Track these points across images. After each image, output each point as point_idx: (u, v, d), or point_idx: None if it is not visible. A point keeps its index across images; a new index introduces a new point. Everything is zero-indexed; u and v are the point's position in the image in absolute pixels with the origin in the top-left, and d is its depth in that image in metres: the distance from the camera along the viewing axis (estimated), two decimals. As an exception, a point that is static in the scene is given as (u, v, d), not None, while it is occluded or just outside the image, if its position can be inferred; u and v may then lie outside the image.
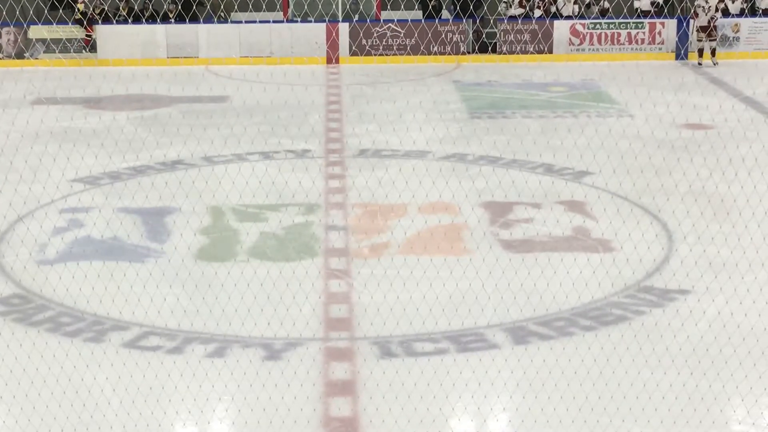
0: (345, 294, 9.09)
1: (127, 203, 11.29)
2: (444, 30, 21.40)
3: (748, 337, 7.83)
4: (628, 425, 6.74)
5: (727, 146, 12.36)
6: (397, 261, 9.72)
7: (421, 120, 14.89)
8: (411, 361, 7.71)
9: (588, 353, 7.66)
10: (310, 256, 9.98)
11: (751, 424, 6.77)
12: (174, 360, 7.71)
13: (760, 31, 21.97)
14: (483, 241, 10.25)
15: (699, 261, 9.38)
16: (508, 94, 18.25)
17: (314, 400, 7.12)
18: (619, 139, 12.68)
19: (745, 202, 10.39)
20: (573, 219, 10.93)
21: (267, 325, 8.13)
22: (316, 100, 17.28)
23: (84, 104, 16.81)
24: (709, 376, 7.35)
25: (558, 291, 8.80)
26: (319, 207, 11.42)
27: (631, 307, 8.69)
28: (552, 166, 12.88)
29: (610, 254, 9.81)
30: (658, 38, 21.94)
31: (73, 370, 7.42)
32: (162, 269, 9.28)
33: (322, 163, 13.38)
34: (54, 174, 11.17)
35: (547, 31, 21.58)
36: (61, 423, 6.70)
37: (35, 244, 10.01)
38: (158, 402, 6.99)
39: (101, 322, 8.30)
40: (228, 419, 6.98)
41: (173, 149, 13.32)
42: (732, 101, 17.08)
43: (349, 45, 21.48)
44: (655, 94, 15.86)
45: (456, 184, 11.57)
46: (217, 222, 10.93)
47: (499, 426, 6.90)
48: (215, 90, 18.46)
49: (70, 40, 20.65)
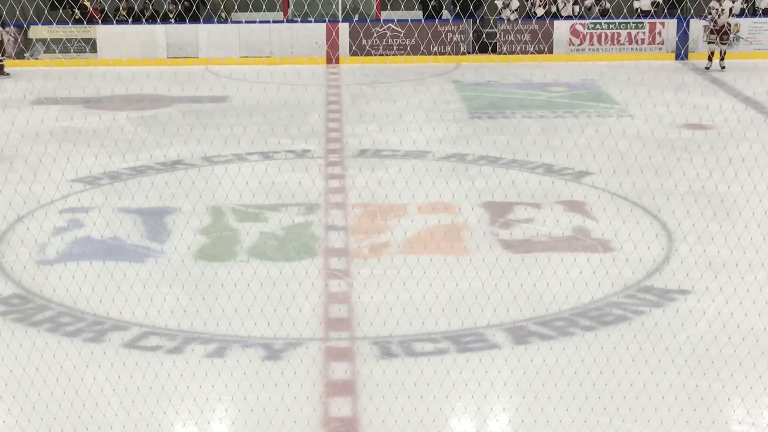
0: (345, 294, 9.09)
1: (127, 203, 11.28)
2: (444, 30, 21.40)
3: (748, 337, 7.83)
4: (628, 425, 6.74)
5: (727, 146, 12.36)
6: (397, 261, 9.72)
7: (421, 120, 14.89)
8: (411, 361, 7.71)
9: (588, 353, 7.66)
10: (310, 256, 9.98)
11: (751, 424, 6.77)
12: (174, 360, 7.71)
13: (760, 31, 21.97)
14: (483, 241, 10.25)
15: (699, 261, 9.38)
16: (508, 94, 18.25)
17: (314, 400, 7.12)
18: (619, 139, 12.68)
19: (745, 202, 10.39)
20: (573, 219, 10.93)
21: (267, 325, 8.13)
22: (316, 100, 17.27)
23: (84, 104, 16.81)
24: (709, 376, 7.35)
25: (558, 291, 8.80)
26: (319, 207, 11.42)
27: (631, 307, 8.69)
28: (552, 166, 12.88)
29: (610, 254, 9.81)
30: (658, 38, 21.95)
31: (73, 370, 7.42)
32: (162, 269, 9.28)
33: (322, 163, 13.38)
34: (54, 174, 11.17)
35: (547, 31, 21.58)
36: (61, 423, 6.70)
37: (35, 244, 10.01)
38: (158, 402, 6.99)
39: (101, 322, 8.30)
40: (228, 419, 6.98)
41: (173, 149, 13.32)
42: (732, 101, 17.08)
43: (349, 45, 21.48)
44: (655, 94, 15.86)
45: (456, 184, 11.57)
46: (217, 222, 10.93)
47: (499, 426, 6.90)
48: (215, 90, 18.46)
49: (70, 40, 20.64)
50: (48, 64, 19.89)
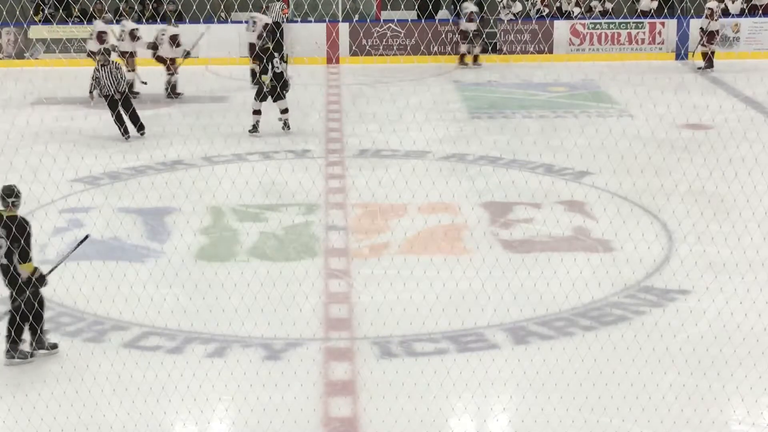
0: (345, 294, 9.09)
1: (127, 203, 11.28)
2: (444, 30, 21.40)
3: (748, 337, 7.83)
4: (628, 425, 6.75)
5: (727, 146, 12.35)
6: (397, 261, 9.72)
7: (421, 120, 14.88)
8: (411, 361, 7.72)
9: (588, 353, 7.66)
10: (310, 256, 9.98)
11: (751, 424, 6.77)
12: (174, 360, 7.71)
13: (760, 31, 21.95)
14: (483, 241, 10.25)
15: (699, 261, 9.38)
16: (508, 94, 18.24)
17: (314, 400, 7.12)
18: (619, 139, 12.67)
19: (745, 202, 10.39)
20: (573, 219, 10.93)
21: (267, 325, 8.13)
22: (316, 100, 17.27)
23: (84, 104, 16.79)
24: (709, 376, 7.35)
25: (558, 291, 8.80)
26: (319, 207, 11.42)
27: (631, 307, 8.69)
28: (552, 166, 12.87)
29: (610, 254, 9.82)
30: (658, 38, 21.94)
31: (73, 370, 7.42)
32: (162, 269, 9.28)
33: (322, 163, 13.38)
34: (54, 174, 11.15)
35: (547, 31, 21.57)
36: (61, 423, 6.70)
37: (35, 244, 9.99)
38: (158, 402, 6.99)
39: (101, 322, 8.30)
40: (228, 419, 6.98)
41: (173, 149, 13.31)
42: (732, 101, 17.08)
43: (349, 45, 21.47)
44: (655, 94, 15.84)
45: (456, 184, 11.57)
46: (217, 222, 10.93)
47: (499, 426, 6.91)
48: (215, 90, 18.45)
49: (70, 40, 20.63)
50: (48, 64, 19.87)
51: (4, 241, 7.40)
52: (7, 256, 7.44)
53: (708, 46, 20.22)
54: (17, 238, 7.34)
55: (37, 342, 7.69)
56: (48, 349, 7.77)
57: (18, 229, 7.35)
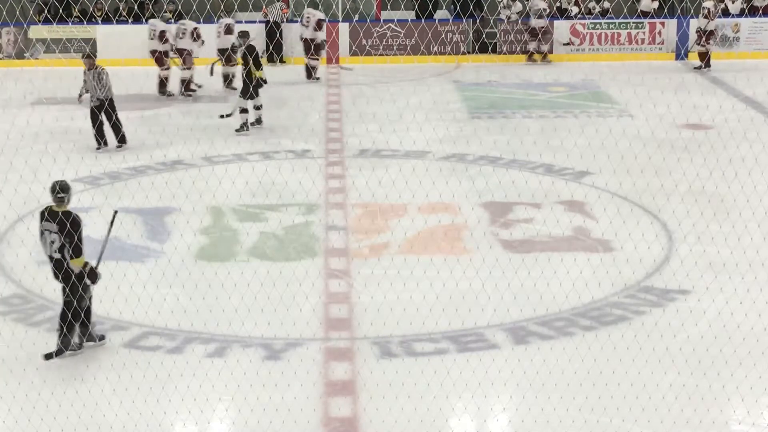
0: (345, 294, 9.09)
1: (127, 203, 11.27)
2: (444, 30, 21.39)
3: (748, 337, 7.83)
4: (628, 425, 6.75)
5: (727, 146, 12.35)
6: (397, 261, 9.72)
7: (421, 120, 14.88)
8: (411, 361, 7.72)
9: (588, 353, 7.66)
10: (310, 256, 9.98)
11: (751, 424, 6.77)
12: (174, 360, 7.71)
13: (760, 31, 21.95)
14: (483, 241, 10.25)
15: (699, 261, 9.38)
16: (508, 94, 18.24)
17: (314, 400, 7.12)
18: (619, 139, 12.67)
19: (745, 202, 10.39)
20: (573, 219, 10.93)
21: (267, 325, 8.13)
22: (316, 100, 17.27)
23: (84, 104, 16.79)
24: (709, 376, 7.35)
25: (558, 291, 8.80)
26: (319, 207, 11.42)
27: (631, 307, 8.69)
28: (552, 166, 12.87)
29: (610, 254, 9.82)
30: (658, 38, 21.94)
31: (73, 370, 7.42)
32: (162, 269, 9.28)
33: (322, 163, 13.38)
34: (54, 174, 11.11)
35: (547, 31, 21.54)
36: (61, 423, 6.70)
37: (35, 244, 9.99)
38: (158, 402, 6.99)
39: (101, 322, 8.29)
40: (228, 419, 6.98)
41: (173, 149, 13.32)
42: (732, 101, 17.08)
43: (349, 45, 21.47)
44: (655, 94, 15.84)
45: (456, 184, 11.57)
46: (217, 222, 10.93)
47: (499, 426, 6.91)
48: (215, 90, 18.43)
49: (70, 40, 20.63)
50: (48, 64, 19.87)
51: (58, 236, 7.45)
52: (60, 251, 7.49)
53: (706, 46, 20.23)
54: (71, 233, 7.42)
55: (86, 335, 7.78)
56: (96, 341, 7.92)
57: (72, 225, 7.44)
